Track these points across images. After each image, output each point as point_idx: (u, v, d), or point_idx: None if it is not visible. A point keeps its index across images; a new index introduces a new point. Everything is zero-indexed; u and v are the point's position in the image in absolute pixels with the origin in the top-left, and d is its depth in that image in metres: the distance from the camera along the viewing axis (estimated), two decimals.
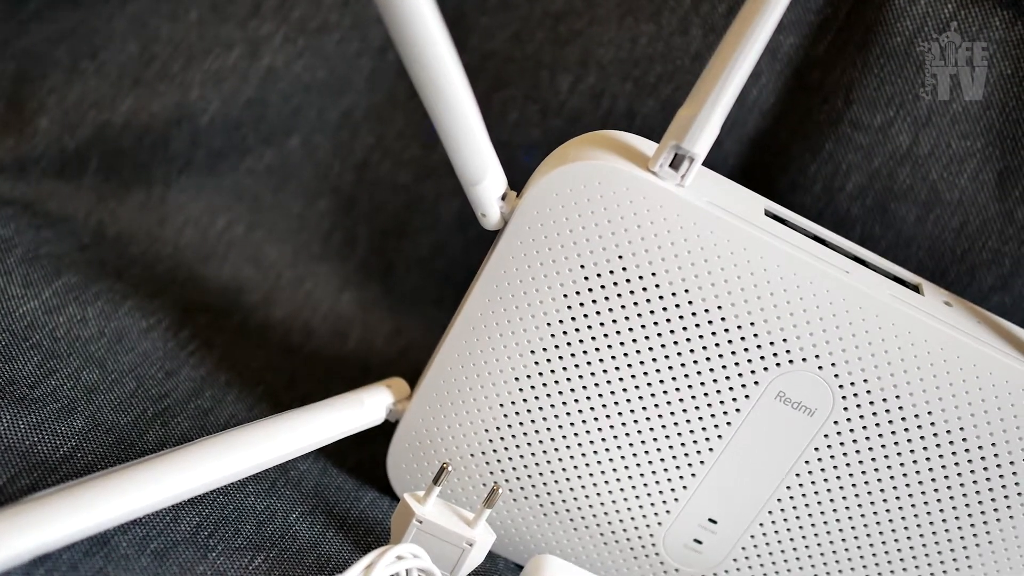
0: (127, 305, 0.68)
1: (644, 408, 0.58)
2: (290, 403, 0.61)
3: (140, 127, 0.75)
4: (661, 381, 0.57)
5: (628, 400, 0.58)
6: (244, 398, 0.66)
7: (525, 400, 0.59)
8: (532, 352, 0.58)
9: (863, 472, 0.58)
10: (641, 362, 0.57)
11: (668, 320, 0.56)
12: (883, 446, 0.58)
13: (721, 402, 0.58)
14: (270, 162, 0.77)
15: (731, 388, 0.57)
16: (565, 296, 0.56)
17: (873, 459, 0.58)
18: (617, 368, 0.57)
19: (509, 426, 0.59)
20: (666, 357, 0.57)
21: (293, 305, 0.76)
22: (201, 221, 0.76)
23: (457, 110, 0.51)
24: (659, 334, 0.57)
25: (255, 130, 0.76)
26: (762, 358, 0.57)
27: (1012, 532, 0.59)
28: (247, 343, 0.71)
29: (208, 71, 0.75)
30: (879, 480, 0.58)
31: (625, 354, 0.57)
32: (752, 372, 0.57)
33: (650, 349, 0.57)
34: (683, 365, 0.57)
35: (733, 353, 0.57)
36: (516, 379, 0.58)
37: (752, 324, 0.56)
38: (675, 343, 0.57)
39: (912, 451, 0.58)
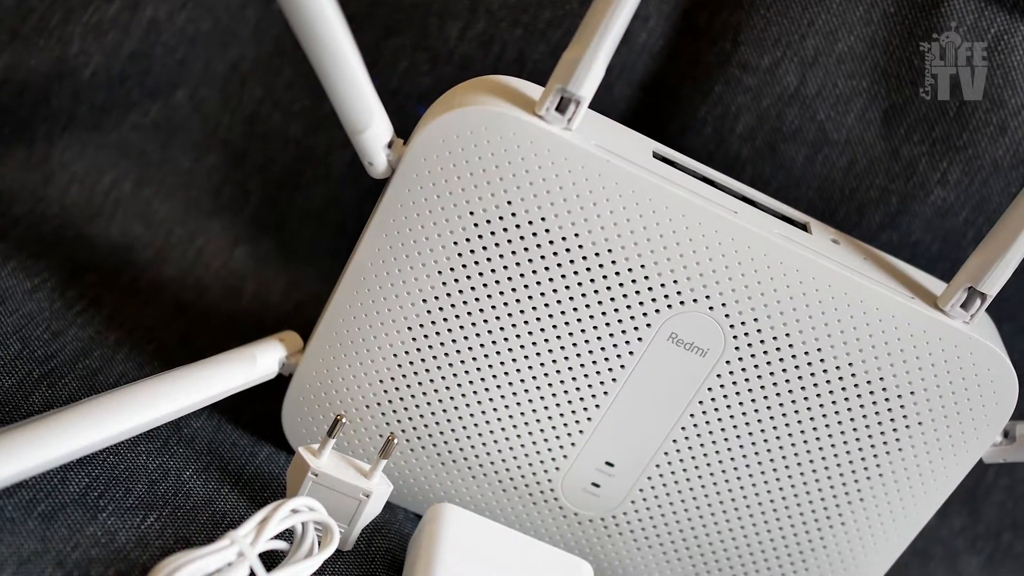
0: (10, 266, 0.66)
1: (538, 353, 0.58)
2: (183, 361, 0.59)
3: (19, 83, 0.73)
4: (554, 326, 0.57)
5: (522, 346, 0.58)
6: (135, 357, 0.65)
7: (418, 349, 0.58)
8: (424, 300, 0.57)
9: (756, 411, 0.59)
10: (533, 307, 0.57)
11: (559, 264, 0.56)
12: (775, 384, 0.58)
13: (615, 345, 0.58)
14: (156, 117, 0.75)
15: (624, 331, 0.57)
16: (455, 243, 0.56)
17: (766, 397, 0.59)
18: (509, 314, 0.57)
19: (403, 376, 0.59)
20: (558, 301, 0.57)
21: (185, 262, 0.75)
22: (87, 179, 0.75)
23: (338, 57, 0.50)
24: (550, 279, 0.56)
25: (140, 84, 0.74)
26: (653, 300, 0.57)
27: (902, 464, 0.60)
28: (138, 301, 0.70)
29: (88, 24, 0.73)
30: (772, 418, 0.59)
31: (517, 300, 0.57)
32: (644, 314, 0.57)
33: (542, 294, 0.57)
34: (575, 309, 0.57)
35: (624, 296, 0.57)
36: (408, 328, 0.58)
37: (643, 266, 0.56)
38: (567, 287, 0.57)
39: (803, 388, 0.58)
